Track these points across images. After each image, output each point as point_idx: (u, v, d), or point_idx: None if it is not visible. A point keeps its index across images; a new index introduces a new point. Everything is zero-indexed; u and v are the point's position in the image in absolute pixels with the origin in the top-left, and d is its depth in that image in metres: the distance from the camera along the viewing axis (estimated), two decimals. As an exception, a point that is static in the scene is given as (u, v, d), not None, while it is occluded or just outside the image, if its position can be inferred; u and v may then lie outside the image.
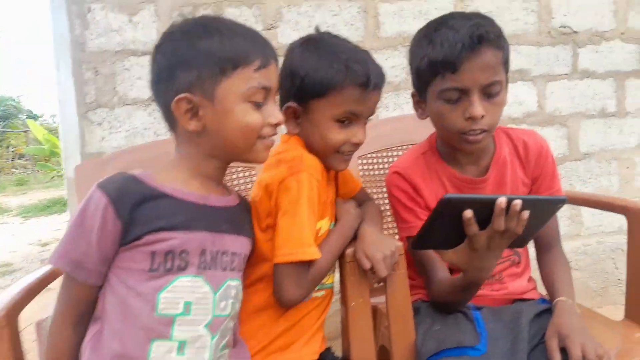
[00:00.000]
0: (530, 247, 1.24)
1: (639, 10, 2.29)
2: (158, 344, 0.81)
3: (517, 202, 0.84)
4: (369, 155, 1.57)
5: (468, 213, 0.85)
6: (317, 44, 1.03)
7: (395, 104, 2.10)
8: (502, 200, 0.84)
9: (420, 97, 1.10)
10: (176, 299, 0.82)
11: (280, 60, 0.95)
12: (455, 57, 0.96)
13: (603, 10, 2.26)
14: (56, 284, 0.95)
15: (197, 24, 0.86)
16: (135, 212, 0.81)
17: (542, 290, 1.20)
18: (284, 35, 1.96)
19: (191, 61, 0.83)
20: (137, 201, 0.81)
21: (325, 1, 1.98)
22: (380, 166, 1.58)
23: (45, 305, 0.98)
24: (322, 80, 0.97)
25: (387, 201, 1.24)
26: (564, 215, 2.27)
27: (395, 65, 2.07)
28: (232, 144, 0.87)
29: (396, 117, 2.01)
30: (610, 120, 2.34)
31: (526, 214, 0.85)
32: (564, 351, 0.93)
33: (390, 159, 1.58)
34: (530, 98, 2.24)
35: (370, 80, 0.99)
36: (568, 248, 2.26)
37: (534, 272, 1.24)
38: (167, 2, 1.86)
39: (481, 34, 0.97)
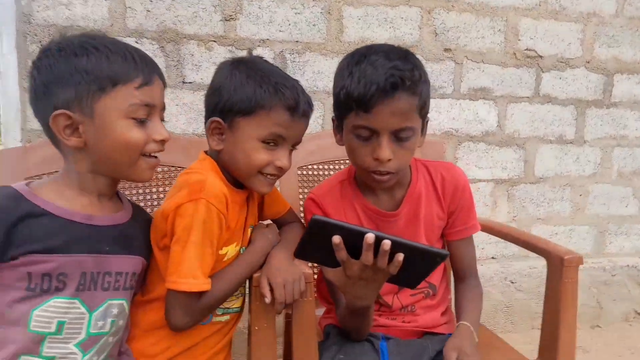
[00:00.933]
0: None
1: (605, 41, 2.29)
2: (25, 359, 0.81)
3: (386, 242, 0.82)
4: (309, 167, 1.53)
5: (336, 239, 0.84)
6: (248, 65, 1.01)
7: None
8: (369, 236, 0.82)
9: (338, 124, 1.07)
10: (50, 318, 0.82)
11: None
12: (368, 98, 0.94)
13: (570, 38, 2.24)
14: None
15: (74, 42, 0.84)
16: (12, 233, 0.79)
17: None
18: (243, 29, 1.90)
19: (67, 79, 0.81)
20: (13, 222, 0.79)
21: (288, -2, 1.92)
22: (321, 178, 1.54)
23: None
24: (250, 98, 0.96)
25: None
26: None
27: (356, 71, 2.03)
28: (114, 160, 0.86)
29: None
30: (567, 147, 2.34)
31: (400, 256, 0.83)
32: None
33: (331, 172, 1.54)
34: (490, 117, 2.23)
35: (299, 106, 0.99)
36: (514, 268, 2.29)
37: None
38: (122, -19, 1.78)
39: (395, 82, 0.94)
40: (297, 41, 1.96)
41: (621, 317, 2.41)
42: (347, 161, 1.51)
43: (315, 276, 1.30)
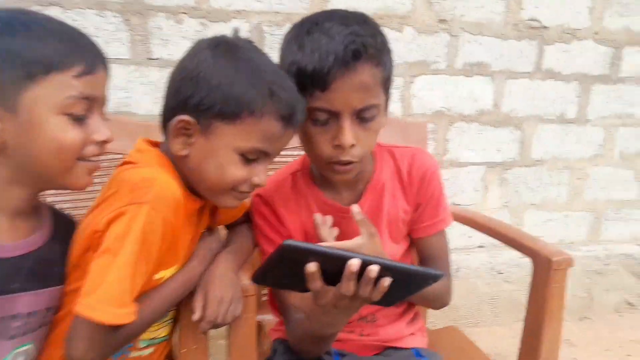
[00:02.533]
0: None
1: (617, 10, 2.09)
2: None
3: (373, 269, 0.68)
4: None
5: (312, 267, 0.69)
6: (236, 53, 0.82)
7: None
8: (354, 263, 0.67)
9: None
10: None
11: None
12: (325, 72, 0.80)
13: (579, 6, 2.05)
14: None
15: (1, 18, 0.67)
16: None
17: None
18: (217, -2, 1.75)
19: None
20: None
21: (265, -37, 1.75)
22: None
23: None
24: (238, 99, 0.78)
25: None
26: (505, 220, 2.16)
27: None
28: (42, 166, 0.70)
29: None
30: (568, 126, 2.19)
31: (387, 281, 0.70)
32: None
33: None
34: (486, 95, 2.08)
35: (295, 116, 0.82)
36: (503, 258, 2.18)
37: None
38: (81, -55, 1.63)
39: (357, 49, 0.80)
40: (276, 12, 1.81)
41: (612, 308, 2.30)
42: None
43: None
